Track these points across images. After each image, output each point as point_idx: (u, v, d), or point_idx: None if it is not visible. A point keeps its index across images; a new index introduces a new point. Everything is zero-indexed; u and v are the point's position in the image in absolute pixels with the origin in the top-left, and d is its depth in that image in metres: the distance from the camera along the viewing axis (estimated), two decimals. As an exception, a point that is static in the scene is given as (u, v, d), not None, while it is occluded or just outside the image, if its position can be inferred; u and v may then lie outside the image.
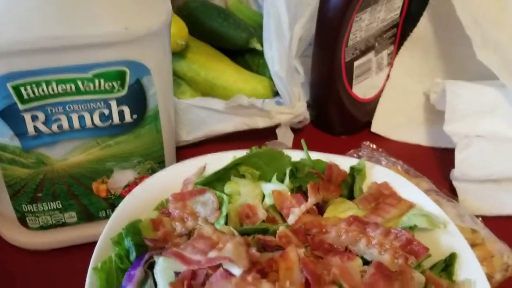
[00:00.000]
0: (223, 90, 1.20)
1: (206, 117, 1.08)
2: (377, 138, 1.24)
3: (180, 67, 1.22)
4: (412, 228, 0.78)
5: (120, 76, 0.77)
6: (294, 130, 1.21)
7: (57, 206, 0.89)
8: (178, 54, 1.20)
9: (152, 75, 0.80)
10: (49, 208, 0.88)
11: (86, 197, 0.90)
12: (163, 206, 0.82)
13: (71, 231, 0.93)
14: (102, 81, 0.77)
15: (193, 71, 1.22)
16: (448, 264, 0.76)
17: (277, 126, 1.10)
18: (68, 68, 0.74)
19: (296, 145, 0.96)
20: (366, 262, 0.72)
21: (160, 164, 0.91)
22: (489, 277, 0.85)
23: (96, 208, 0.92)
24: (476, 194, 1.04)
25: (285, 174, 0.82)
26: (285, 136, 1.10)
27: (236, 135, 1.09)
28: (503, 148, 1.06)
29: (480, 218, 0.95)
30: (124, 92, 0.79)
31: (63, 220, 0.91)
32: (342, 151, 1.12)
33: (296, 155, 0.87)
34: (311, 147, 0.93)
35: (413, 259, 0.71)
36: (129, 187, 0.90)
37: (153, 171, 0.90)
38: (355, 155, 1.11)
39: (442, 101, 1.12)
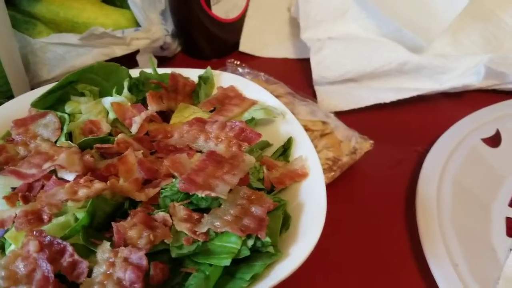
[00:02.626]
0: (85, 27, 1.18)
1: (64, 53, 1.07)
2: (247, 58, 1.27)
3: (38, 10, 1.19)
4: (250, 121, 0.82)
5: None
6: (164, 59, 1.22)
7: None
8: (34, -4, 1.17)
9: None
10: None
11: None
12: (9, 135, 0.81)
13: None
14: None
15: (52, 12, 1.19)
16: (286, 148, 0.80)
17: (137, 53, 1.11)
18: None
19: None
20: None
21: (9, 98, 0.90)
22: (337, 160, 0.91)
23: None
24: (334, 94, 1.10)
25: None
26: (147, 63, 1.10)
27: (96, 67, 1.09)
28: (354, 47, 1.11)
29: (334, 113, 1.00)
30: None
31: None
32: (211, 72, 1.14)
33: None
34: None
35: (246, 145, 0.75)
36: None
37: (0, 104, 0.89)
38: (219, 72, 1.13)
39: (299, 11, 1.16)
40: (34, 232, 0.63)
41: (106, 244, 0.63)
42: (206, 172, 0.69)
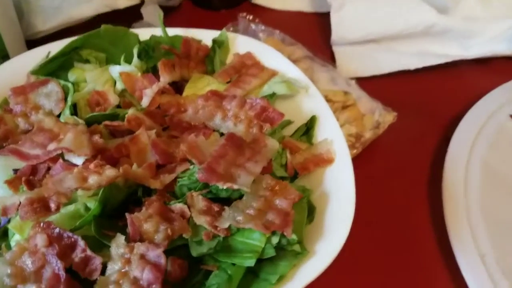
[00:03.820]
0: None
1: (60, 2, 0.98)
2: (259, 10, 1.18)
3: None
4: (271, 96, 0.76)
5: None
6: (169, 9, 1.13)
7: None
8: None
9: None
10: None
11: None
12: (7, 103, 0.75)
13: None
14: None
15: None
16: (309, 128, 0.75)
17: (142, 5, 1.02)
18: None
19: (171, 25, 0.88)
20: (225, 136, 0.69)
21: (4, 59, 0.83)
22: (359, 136, 0.85)
23: None
24: (354, 56, 1.03)
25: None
26: (152, 15, 1.01)
27: (98, 21, 1.00)
28: (378, 5, 1.02)
29: (355, 80, 0.94)
30: None
31: None
32: (221, 26, 1.06)
33: (150, 33, 0.80)
34: (189, 25, 0.86)
35: (268, 126, 0.69)
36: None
37: (-5, 66, 0.81)
38: (231, 28, 1.05)
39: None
40: (42, 224, 0.58)
41: (121, 238, 0.58)
42: (226, 159, 0.63)
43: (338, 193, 0.66)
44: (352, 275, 0.74)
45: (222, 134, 0.70)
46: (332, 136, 0.72)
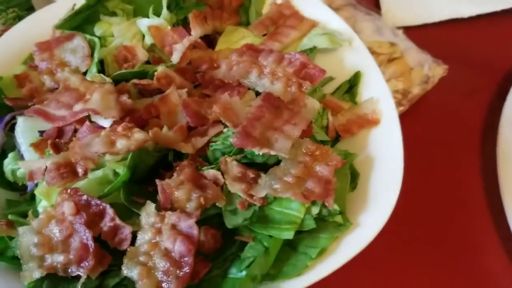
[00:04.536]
0: None
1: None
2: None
3: None
4: (311, 50, 0.69)
5: None
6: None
7: None
8: None
9: None
10: None
11: None
12: (32, 59, 0.71)
13: None
14: None
15: None
16: (352, 85, 0.69)
17: None
18: None
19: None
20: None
21: (29, 11, 0.79)
22: (406, 93, 0.79)
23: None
24: (401, 3, 0.94)
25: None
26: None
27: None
28: None
29: (402, 30, 0.86)
30: None
31: None
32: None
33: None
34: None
35: (308, 84, 0.63)
36: (-2, 42, 0.78)
37: (20, 20, 0.77)
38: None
39: None
40: (69, 190, 0.56)
41: (151, 206, 0.55)
42: (262, 122, 0.58)
43: (385, 157, 0.61)
44: (398, 244, 0.70)
45: (257, 93, 0.65)
46: (378, 94, 0.66)
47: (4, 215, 0.60)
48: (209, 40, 0.72)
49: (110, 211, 0.55)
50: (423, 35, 0.88)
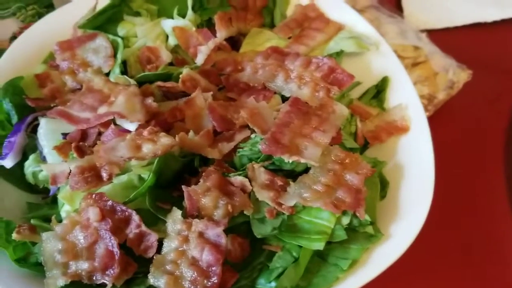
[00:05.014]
0: None
1: None
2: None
3: None
4: (338, 54, 0.68)
5: None
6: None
7: None
8: None
9: None
10: None
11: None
12: (53, 58, 0.69)
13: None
14: None
15: None
16: (379, 90, 0.67)
17: None
18: None
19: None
20: (287, 100, 0.62)
21: (48, 8, 0.77)
22: (432, 98, 0.77)
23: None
24: (424, 5, 0.93)
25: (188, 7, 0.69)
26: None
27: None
28: None
29: (426, 33, 0.85)
30: None
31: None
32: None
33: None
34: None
35: (336, 90, 0.61)
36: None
37: (40, 17, 0.76)
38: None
39: None
40: (94, 196, 0.54)
41: (177, 213, 0.53)
42: (291, 128, 0.57)
43: (415, 165, 0.60)
44: (425, 253, 0.68)
45: (283, 97, 0.64)
46: (407, 100, 0.64)
47: (26, 219, 0.59)
48: (233, 42, 0.71)
49: (136, 218, 0.53)
50: (446, 39, 0.87)
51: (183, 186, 0.54)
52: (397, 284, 0.64)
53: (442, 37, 0.87)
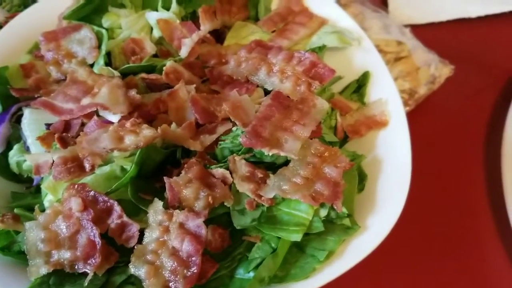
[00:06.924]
0: None
1: None
2: None
3: None
4: (321, 49, 0.69)
5: None
6: None
7: None
8: None
9: None
10: None
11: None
12: (38, 48, 0.70)
13: None
14: None
15: None
16: (360, 85, 0.68)
17: None
18: None
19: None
20: (269, 93, 0.63)
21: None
22: (413, 92, 0.79)
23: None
24: (409, 1, 0.94)
25: (172, -1, 0.69)
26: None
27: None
28: None
29: (410, 28, 0.86)
30: None
31: None
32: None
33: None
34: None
35: (317, 84, 0.62)
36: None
37: (25, 7, 0.76)
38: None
39: None
40: (76, 186, 0.55)
41: (159, 204, 0.54)
42: (272, 121, 0.58)
43: (392, 159, 0.61)
44: (402, 245, 0.70)
45: (265, 91, 0.64)
46: (387, 95, 0.65)
47: (10, 208, 0.59)
48: (218, 35, 0.72)
49: (117, 208, 0.54)
50: (430, 34, 0.88)
51: (164, 178, 0.55)
52: (379, 277, 0.66)
53: (426, 32, 0.88)
